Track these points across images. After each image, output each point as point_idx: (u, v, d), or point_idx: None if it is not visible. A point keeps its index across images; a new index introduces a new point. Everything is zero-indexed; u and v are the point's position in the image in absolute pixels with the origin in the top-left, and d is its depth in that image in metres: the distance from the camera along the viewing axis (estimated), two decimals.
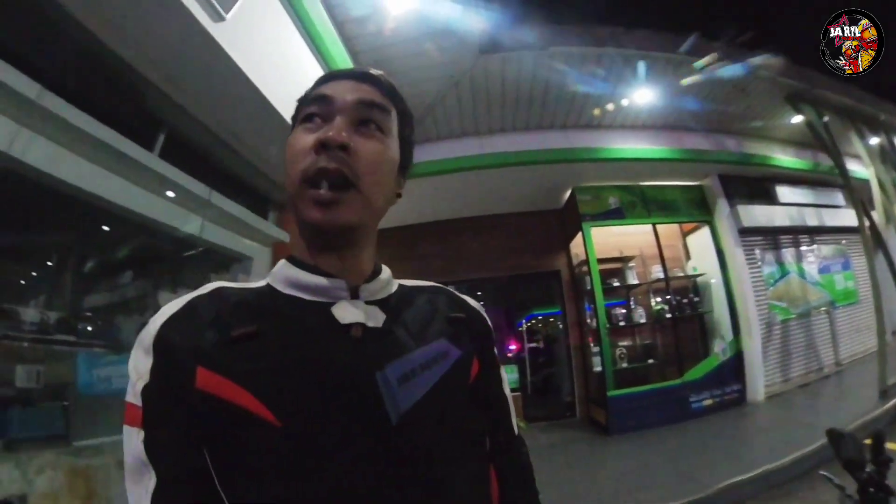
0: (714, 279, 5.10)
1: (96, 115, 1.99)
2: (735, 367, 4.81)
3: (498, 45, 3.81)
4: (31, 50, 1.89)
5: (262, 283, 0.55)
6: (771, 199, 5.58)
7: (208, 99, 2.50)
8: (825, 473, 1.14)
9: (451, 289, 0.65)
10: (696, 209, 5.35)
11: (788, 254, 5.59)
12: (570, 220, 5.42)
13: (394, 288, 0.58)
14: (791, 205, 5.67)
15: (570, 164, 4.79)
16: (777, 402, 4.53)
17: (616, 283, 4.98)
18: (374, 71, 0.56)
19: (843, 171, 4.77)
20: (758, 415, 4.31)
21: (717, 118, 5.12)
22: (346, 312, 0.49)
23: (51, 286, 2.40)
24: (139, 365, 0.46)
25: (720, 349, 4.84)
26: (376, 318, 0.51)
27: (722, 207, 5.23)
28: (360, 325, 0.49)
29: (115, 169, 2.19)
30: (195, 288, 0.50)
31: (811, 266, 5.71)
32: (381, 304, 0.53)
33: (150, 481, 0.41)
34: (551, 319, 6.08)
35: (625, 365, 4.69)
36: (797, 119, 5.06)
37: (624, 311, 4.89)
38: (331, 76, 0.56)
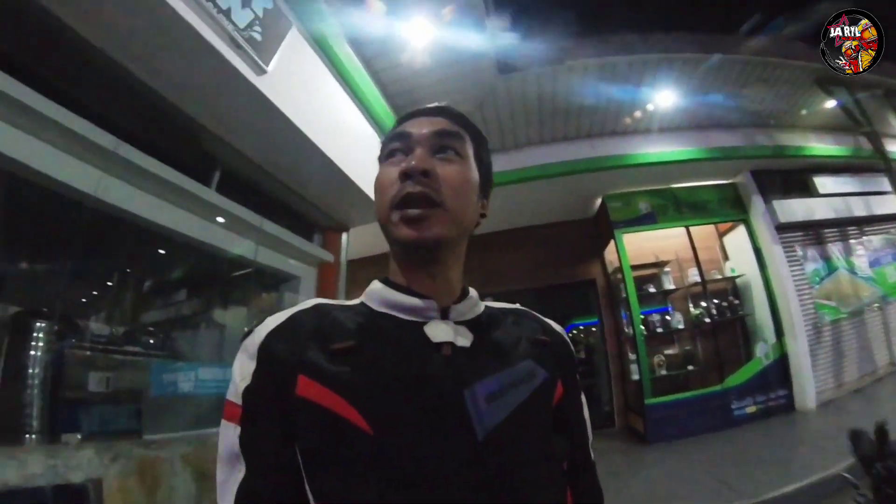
0: (753, 280, 4.91)
1: (162, 159, 2.30)
2: (780, 372, 4.60)
3: (515, 65, 3.97)
4: (108, 108, 2.23)
5: (356, 301, 0.59)
6: (810, 192, 5.28)
7: (257, 139, 2.78)
8: (845, 474, 1.15)
9: (535, 312, 0.67)
10: (730, 208, 5.19)
11: (835, 249, 5.24)
12: (602, 227, 5.41)
13: (481, 309, 0.60)
14: (833, 195, 5.30)
15: (598, 172, 4.82)
16: (829, 409, 4.26)
17: (652, 290, 4.90)
18: (444, 104, 0.61)
19: (884, 154, 4.53)
20: (808, 422, 4.10)
21: (746, 112, 4.99)
22: (438, 331, 0.52)
23: (122, 305, 2.76)
24: (243, 368, 0.50)
25: (762, 353, 4.64)
26: (465, 338, 0.53)
27: (757, 204, 5.03)
28: (450, 344, 0.51)
29: (178, 203, 2.49)
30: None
31: (861, 260, 5.30)
32: (470, 324, 0.56)
33: (240, 472, 0.46)
34: (593, 329, 6.03)
35: (664, 372, 4.59)
36: (830, 104, 4.82)
37: (661, 317, 4.79)
38: (407, 116, 0.61)
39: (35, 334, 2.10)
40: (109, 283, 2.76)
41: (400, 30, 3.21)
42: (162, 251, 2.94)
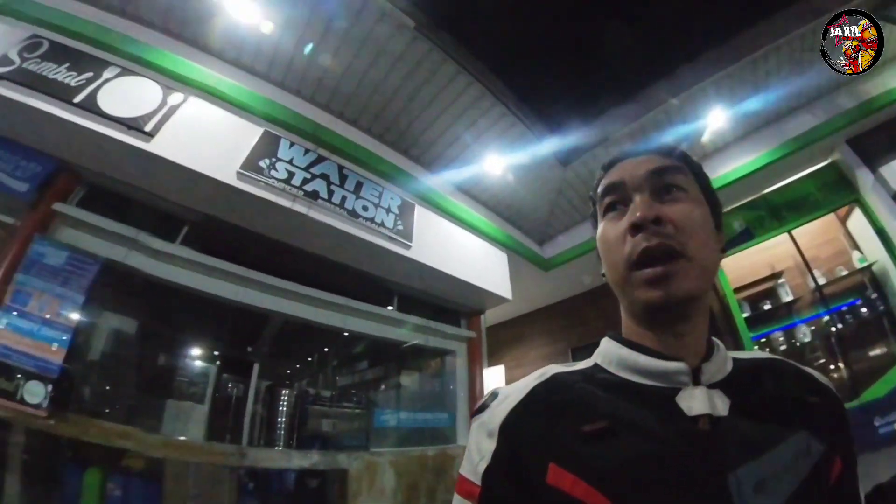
0: (889, 265, 4.31)
1: (362, 300, 4.10)
2: None
3: (573, 153, 5.03)
4: (332, 279, 4.14)
5: (589, 364, 0.56)
6: None
7: (414, 277, 4.50)
8: None
9: (792, 361, 0.58)
10: (835, 193, 4.71)
11: None
12: None
13: (730, 365, 0.53)
14: None
15: None
16: None
17: (767, 306, 4.80)
18: (647, 149, 0.56)
19: None
20: None
21: (817, 82, 4.46)
22: (693, 402, 0.46)
23: (335, 379, 4.65)
24: (482, 446, 0.49)
25: None
26: (722, 406, 0.47)
27: (864, 178, 4.39)
28: (707, 417, 0.46)
29: (373, 318, 4.25)
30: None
31: None
32: (723, 386, 0.49)
33: None
34: None
35: None
36: None
37: (785, 333, 4.61)
38: (613, 162, 0.58)
39: (281, 398, 3.79)
40: (330, 366, 4.71)
41: (483, 168, 4.73)
42: (362, 346, 4.80)
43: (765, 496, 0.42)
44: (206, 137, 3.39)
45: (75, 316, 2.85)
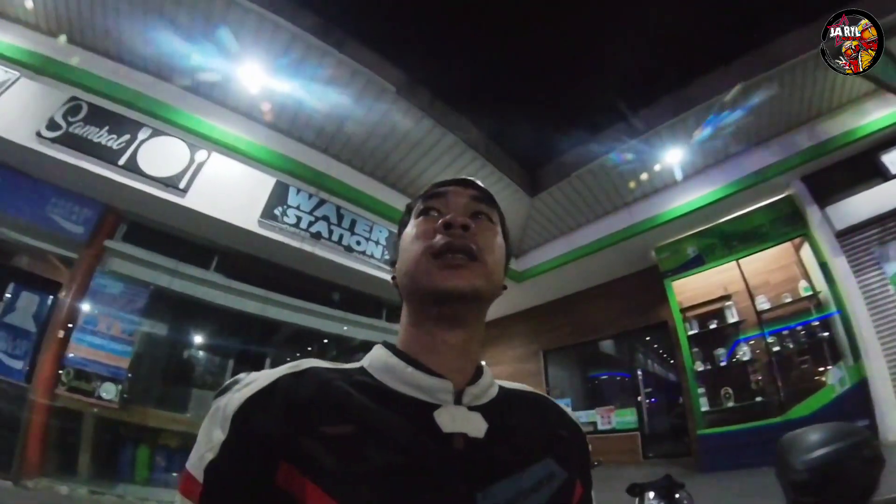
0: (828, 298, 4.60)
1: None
2: (859, 399, 4.06)
3: (539, 187, 5.59)
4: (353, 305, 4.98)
5: (356, 365, 0.53)
6: (882, 174, 4.47)
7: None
8: None
9: (551, 398, 0.62)
10: (786, 226, 4.98)
11: None
12: (659, 276, 5.87)
13: (496, 391, 0.55)
14: None
15: (638, 235, 5.57)
16: None
17: (714, 325, 5.24)
18: (472, 178, 0.61)
19: None
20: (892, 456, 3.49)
21: (783, 117, 4.80)
22: (450, 421, 0.46)
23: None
24: (211, 436, 0.43)
25: (835, 379, 4.28)
26: (479, 428, 0.47)
27: (813, 214, 4.64)
28: (462, 436, 0.46)
29: (367, 327, 5.14)
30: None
31: None
32: (484, 410, 0.50)
33: None
34: (672, 361, 6.42)
35: (731, 404, 4.84)
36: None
37: (727, 350, 5.08)
38: (440, 184, 0.60)
39: None
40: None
41: None
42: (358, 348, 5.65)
43: None
44: (229, 190, 4.24)
45: (134, 332, 3.81)
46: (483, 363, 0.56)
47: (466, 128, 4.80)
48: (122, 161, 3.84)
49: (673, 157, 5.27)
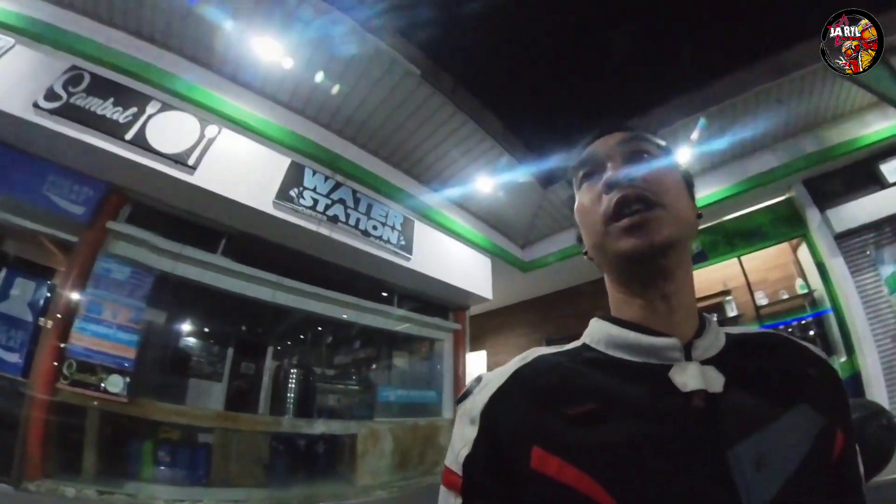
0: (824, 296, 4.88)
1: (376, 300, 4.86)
2: (852, 391, 4.05)
3: (551, 179, 5.57)
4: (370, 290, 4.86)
5: (577, 344, 0.54)
6: (880, 182, 4.72)
7: (415, 281, 5.23)
8: None
9: (788, 335, 0.56)
10: (786, 226, 5.24)
11: None
12: None
13: (723, 341, 0.51)
14: None
15: None
16: None
17: (713, 318, 5.45)
18: (614, 121, 0.58)
19: None
20: None
21: (790, 122, 4.93)
22: (687, 377, 0.44)
23: (342, 362, 5.50)
24: (464, 434, 0.47)
25: None
26: (717, 382, 0.44)
27: (813, 217, 4.89)
28: (702, 392, 0.43)
29: (378, 313, 5.08)
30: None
31: None
32: (717, 362, 0.47)
33: None
34: None
35: None
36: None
37: None
38: (590, 140, 0.58)
39: (290, 376, 4.64)
40: (337, 351, 5.55)
41: (475, 187, 5.35)
42: (370, 336, 5.63)
43: (766, 473, 0.39)
44: (241, 168, 3.97)
45: (140, 320, 3.55)
46: (707, 314, 0.55)
47: (488, 117, 4.69)
48: (129, 136, 3.52)
49: (682, 156, 5.33)
